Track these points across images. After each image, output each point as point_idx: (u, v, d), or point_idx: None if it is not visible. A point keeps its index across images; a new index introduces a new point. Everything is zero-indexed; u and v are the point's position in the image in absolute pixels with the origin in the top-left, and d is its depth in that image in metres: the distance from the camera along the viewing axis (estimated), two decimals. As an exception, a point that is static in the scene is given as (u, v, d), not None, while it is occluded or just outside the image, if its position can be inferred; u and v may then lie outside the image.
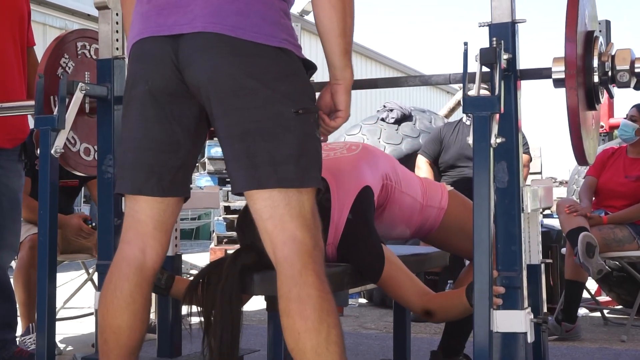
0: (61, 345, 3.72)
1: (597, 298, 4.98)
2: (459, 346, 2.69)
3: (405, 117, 5.57)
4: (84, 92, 2.38)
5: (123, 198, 2.20)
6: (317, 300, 1.77)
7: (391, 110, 5.59)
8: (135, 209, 1.98)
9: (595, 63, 2.01)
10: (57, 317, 3.91)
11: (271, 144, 1.79)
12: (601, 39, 2.08)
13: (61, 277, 4.97)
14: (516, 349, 2.00)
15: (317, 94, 1.98)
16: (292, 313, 1.78)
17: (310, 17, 15.44)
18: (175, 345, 2.70)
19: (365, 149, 2.57)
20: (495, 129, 1.85)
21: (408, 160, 5.13)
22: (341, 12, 1.85)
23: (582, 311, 4.77)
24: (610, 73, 2.02)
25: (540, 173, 7.39)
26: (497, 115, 1.87)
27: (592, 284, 5.09)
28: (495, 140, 1.84)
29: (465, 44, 1.89)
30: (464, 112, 1.85)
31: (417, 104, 12.53)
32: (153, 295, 2.74)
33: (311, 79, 2.05)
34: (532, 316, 2.03)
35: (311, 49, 16.59)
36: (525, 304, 2.03)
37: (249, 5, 1.82)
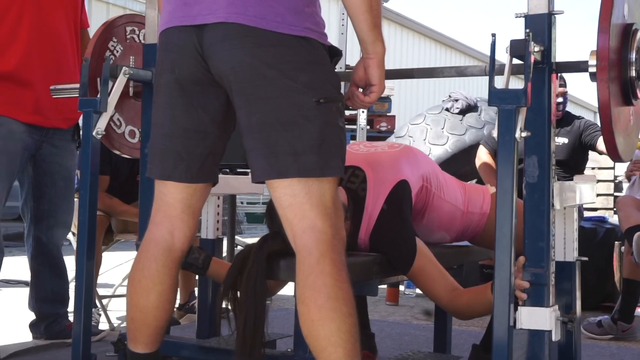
0: (116, 322, 3.83)
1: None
2: None
3: (470, 108, 5.49)
4: (127, 75, 2.43)
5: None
6: (332, 289, 1.78)
7: (456, 100, 5.52)
8: (164, 192, 2.03)
9: (634, 57, 1.95)
10: (116, 293, 4.04)
11: (291, 133, 1.80)
12: (643, 33, 2.01)
13: (121, 256, 5.12)
14: (540, 346, 1.96)
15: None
16: (307, 301, 1.79)
17: (389, 5, 15.41)
18: (214, 326, 2.74)
19: (407, 148, 2.59)
20: (521, 122, 1.81)
21: (471, 152, 5.06)
22: None
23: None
24: (649, 67, 1.96)
25: (613, 168, 7.20)
26: (524, 109, 1.83)
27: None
28: (520, 134, 1.81)
29: (493, 35, 1.86)
30: (489, 105, 1.82)
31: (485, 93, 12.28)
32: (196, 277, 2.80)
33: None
34: (558, 314, 1.99)
35: (389, 36, 16.64)
36: (552, 301, 1.99)
37: None
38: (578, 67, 2.01)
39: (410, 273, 2.32)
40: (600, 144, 4.34)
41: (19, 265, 5.20)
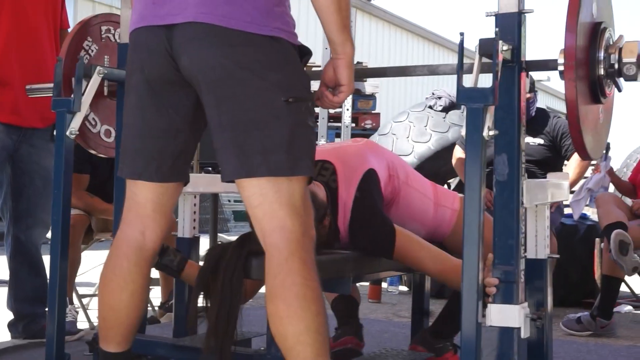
0: (96, 321, 3.81)
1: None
2: (449, 332, 2.66)
3: (453, 105, 5.51)
4: (101, 75, 2.43)
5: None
6: (301, 287, 1.79)
7: (439, 97, 5.54)
8: (135, 192, 2.03)
9: (602, 55, 1.96)
10: (96, 292, 4.03)
11: (261, 132, 1.81)
12: (611, 32, 2.02)
13: (102, 255, 5.08)
14: (510, 343, 1.97)
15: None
16: (275, 299, 1.80)
17: (377, 2, 15.43)
18: (191, 325, 2.74)
19: (370, 142, 2.66)
20: (488, 121, 1.82)
21: (454, 149, 5.08)
22: None
23: (626, 308, 4.67)
24: (616, 66, 1.97)
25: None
26: (492, 108, 1.84)
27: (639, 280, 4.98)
28: (488, 132, 1.82)
29: (462, 34, 1.87)
30: (456, 103, 1.83)
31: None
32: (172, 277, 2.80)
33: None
34: (527, 311, 2.00)
35: (377, 33, 16.66)
36: (521, 298, 2.00)
37: None
38: (547, 65, 2.02)
39: (395, 254, 2.34)
40: (572, 158, 4.23)
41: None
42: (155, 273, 3.79)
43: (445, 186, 5.46)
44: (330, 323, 1.94)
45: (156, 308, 4.02)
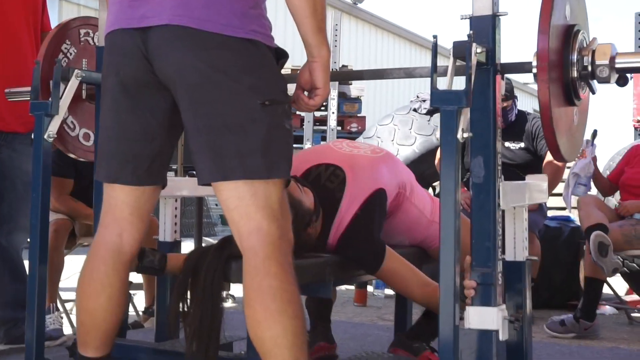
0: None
1: (627, 297, 4.88)
2: (428, 335, 2.66)
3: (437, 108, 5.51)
4: (79, 78, 2.43)
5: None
6: (277, 290, 1.79)
7: (424, 100, 5.55)
8: (112, 195, 2.03)
9: (575, 57, 1.97)
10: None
11: (237, 136, 1.81)
12: (585, 34, 2.03)
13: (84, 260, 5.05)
14: (488, 346, 1.97)
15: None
16: (252, 302, 1.80)
17: (363, 6, 15.43)
18: (172, 329, 2.73)
19: (389, 155, 2.64)
20: (462, 123, 1.83)
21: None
22: None
23: (610, 310, 4.68)
24: (590, 68, 1.98)
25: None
26: (467, 110, 1.85)
27: (623, 283, 5.00)
28: (462, 134, 1.82)
29: (435, 37, 1.87)
30: (431, 106, 1.84)
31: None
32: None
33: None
34: (506, 314, 2.00)
35: (364, 37, 16.67)
36: (499, 301, 2.00)
37: None
38: (522, 68, 2.03)
39: (382, 274, 2.37)
40: (548, 156, 4.23)
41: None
42: (139, 277, 3.79)
43: (430, 190, 5.47)
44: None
45: (140, 313, 4.01)
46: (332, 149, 2.62)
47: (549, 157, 4.19)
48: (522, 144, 4.30)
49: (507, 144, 4.26)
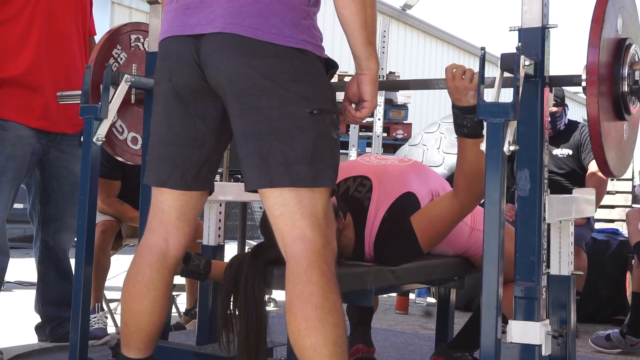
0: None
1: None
2: (470, 346, 2.64)
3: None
4: (128, 83, 2.47)
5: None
6: (319, 299, 1.79)
7: (471, 109, 5.50)
8: (160, 199, 2.05)
9: (626, 72, 1.95)
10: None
11: (284, 143, 1.82)
12: (637, 48, 2.00)
13: (130, 260, 5.10)
14: (531, 360, 1.95)
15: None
16: (294, 310, 1.80)
17: (412, 12, 15.40)
18: (214, 332, 2.76)
19: (417, 163, 2.66)
20: (509, 136, 1.81)
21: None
22: (361, 4, 1.86)
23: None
24: (641, 82, 1.95)
25: (631, 179, 7.13)
26: (514, 123, 1.83)
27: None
28: (508, 147, 1.81)
29: (483, 48, 1.87)
30: (477, 117, 1.83)
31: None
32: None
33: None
34: (549, 328, 1.98)
35: (412, 43, 16.62)
36: (543, 315, 1.98)
37: (269, 6, 1.84)
38: (571, 81, 2.01)
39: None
40: (591, 167, 4.16)
41: (33, 268, 5.26)
42: (181, 279, 3.83)
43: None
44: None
45: (182, 314, 4.05)
46: (360, 162, 2.67)
47: (591, 168, 4.14)
48: (570, 151, 4.25)
49: (554, 151, 4.22)
